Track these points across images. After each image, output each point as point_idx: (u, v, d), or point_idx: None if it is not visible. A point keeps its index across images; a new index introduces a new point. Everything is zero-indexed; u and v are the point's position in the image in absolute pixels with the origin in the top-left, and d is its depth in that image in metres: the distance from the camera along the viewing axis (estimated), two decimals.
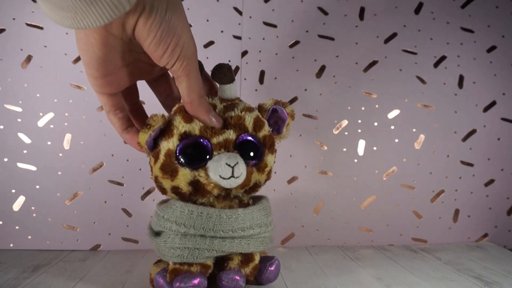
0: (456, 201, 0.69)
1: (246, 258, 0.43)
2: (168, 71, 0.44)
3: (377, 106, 0.68)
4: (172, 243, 0.40)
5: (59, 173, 0.63)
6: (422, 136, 0.68)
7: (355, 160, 0.68)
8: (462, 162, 0.69)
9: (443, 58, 0.69)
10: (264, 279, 0.45)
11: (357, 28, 0.68)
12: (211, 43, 0.66)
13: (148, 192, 0.65)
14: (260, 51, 0.67)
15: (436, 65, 0.68)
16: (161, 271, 0.43)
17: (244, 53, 0.66)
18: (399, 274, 0.52)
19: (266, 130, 0.44)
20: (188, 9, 0.65)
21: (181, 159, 0.40)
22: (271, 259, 0.46)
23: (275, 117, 0.45)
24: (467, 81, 0.69)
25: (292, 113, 0.45)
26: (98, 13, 0.29)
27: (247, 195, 0.45)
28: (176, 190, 0.41)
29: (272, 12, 0.67)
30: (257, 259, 0.44)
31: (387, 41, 0.68)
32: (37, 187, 0.63)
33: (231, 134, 0.41)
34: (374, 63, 0.68)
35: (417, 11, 0.68)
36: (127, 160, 0.64)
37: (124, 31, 0.34)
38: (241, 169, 0.39)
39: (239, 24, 0.66)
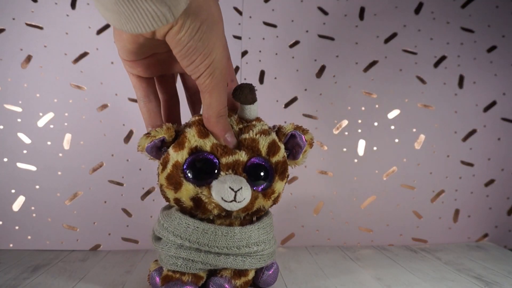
0: (456, 201, 0.69)
1: (240, 272, 0.43)
2: None
3: (377, 106, 0.68)
4: (168, 251, 0.41)
5: (59, 173, 0.63)
6: (422, 136, 0.68)
7: (355, 160, 0.68)
8: (462, 162, 0.69)
9: (443, 58, 0.69)
10: (261, 283, 0.45)
11: (357, 28, 0.68)
12: None
13: (148, 192, 0.65)
14: (260, 51, 0.67)
15: (436, 65, 0.68)
16: (158, 268, 0.44)
17: (244, 53, 0.66)
18: (399, 274, 0.52)
19: (280, 155, 0.42)
20: None
21: (187, 174, 0.39)
22: (271, 263, 0.46)
23: (293, 143, 0.44)
24: (467, 81, 0.69)
25: (311, 141, 0.44)
26: (141, 21, 0.29)
27: (248, 217, 0.44)
28: (178, 202, 0.41)
29: (272, 12, 0.67)
30: (250, 275, 0.44)
31: (387, 41, 0.68)
32: (37, 187, 0.63)
33: (242, 156, 0.40)
34: (374, 63, 0.68)
35: (417, 11, 0.68)
36: (127, 160, 0.64)
37: (153, 34, 0.34)
38: (244, 195, 0.38)
39: (239, 24, 0.66)
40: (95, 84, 0.64)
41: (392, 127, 0.68)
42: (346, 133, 0.68)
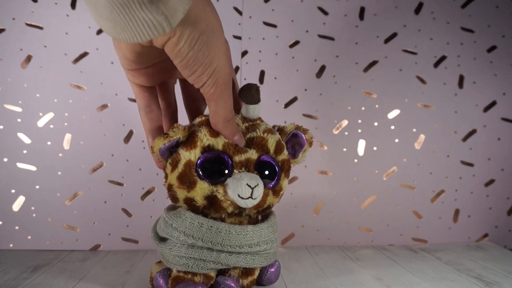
0: (456, 201, 0.69)
1: (247, 271, 0.44)
2: None
3: (377, 106, 0.68)
4: (178, 252, 0.40)
5: (59, 173, 0.63)
6: (422, 136, 0.68)
7: (355, 160, 0.68)
8: (462, 162, 0.69)
9: (443, 58, 0.69)
10: (265, 281, 0.46)
11: (357, 28, 0.68)
12: None
13: (148, 192, 0.65)
14: (260, 51, 0.67)
15: (436, 65, 0.68)
16: (162, 270, 0.43)
17: (244, 53, 0.66)
18: (399, 274, 0.52)
19: (285, 154, 0.44)
20: None
21: (201, 172, 0.39)
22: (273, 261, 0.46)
23: (293, 142, 0.45)
24: (467, 81, 0.69)
25: (310, 140, 0.45)
26: (137, 30, 0.29)
27: (257, 215, 0.44)
28: (190, 202, 0.41)
29: (272, 12, 0.67)
30: (256, 273, 0.45)
31: (387, 41, 0.68)
32: (37, 187, 0.63)
33: (253, 154, 0.40)
34: (374, 63, 0.68)
35: (417, 11, 0.68)
36: (127, 160, 0.64)
37: (150, 43, 0.33)
38: (260, 191, 0.39)
39: (239, 24, 0.66)
40: (95, 84, 0.64)
41: (392, 127, 0.68)
42: (346, 133, 0.68)
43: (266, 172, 0.41)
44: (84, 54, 0.64)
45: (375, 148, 0.68)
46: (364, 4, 0.68)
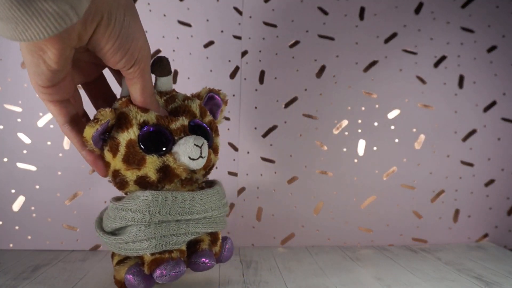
0: (456, 201, 0.69)
1: (214, 237, 0.45)
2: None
3: (377, 106, 0.68)
4: (147, 234, 0.40)
5: (59, 173, 0.63)
6: (422, 136, 0.68)
7: (355, 160, 0.68)
8: (462, 162, 0.69)
9: (443, 58, 0.69)
10: (224, 258, 0.47)
11: (357, 28, 0.68)
12: (211, 43, 0.66)
13: None
14: (260, 51, 0.67)
15: (436, 65, 0.68)
16: (131, 268, 0.41)
17: (244, 53, 0.66)
18: (399, 274, 0.52)
19: (209, 115, 0.46)
20: (188, 9, 0.65)
21: (146, 147, 0.40)
22: (225, 239, 0.48)
23: (211, 104, 0.47)
24: (467, 81, 0.69)
25: (225, 99, 0.48)
26: (42, 24, 0.26)
27: (203, 178, 0.46)
28: (142, 180, 0.41)
29: (272, 12, 0.67)
30: (220, 237, 0.47)
31: (387, 41, 0.68)
32: (37, 187, 0.63)
33: (184, 121, 0.42)
34: (374, 63, 0.68)
35: (417, 11, 0.68)
36: None
37: (79, 41, 0.32)
38: (206, 148, 0.41)
39: (239, 24, 0.66)
40: None
41: (392, 127, 0.68)
42: (346, 133, 0.68)
43: (200, 134, 0.43)
44: None
45: (375, 148, 0.68)
46: (364, 4, 0.68)
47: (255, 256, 0.60)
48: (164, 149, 0.40)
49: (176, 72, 0.65)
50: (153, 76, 0.43)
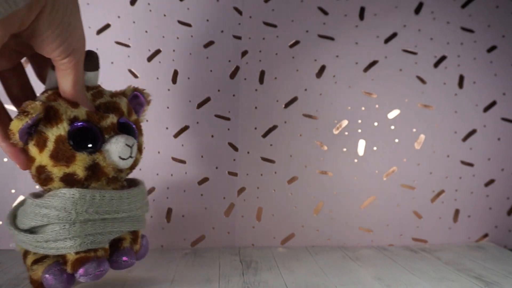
0: (456, 201, 0.69)
1: (135, 236, 0.46)
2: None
3: (377, 106, 0.68)
4: (72, 233, 0.39)
5: None
6: (422, 136, 0.68)
7: (355, 160, 0.68)
8: (462, 162, 0.69)
9: (443, 58, 0.69)
10: (139, 256, 0.47)
11: (357, 28, 0.68)
12: (211, 43, 0.66)
13: (149, 192, 0.65)
14: (260, 51, 0.67)
15: (436, 65, 0.68)
16: (50, 268, 0.40)
17: (244, 53, 0.66)
18: (399, 274, 0.52)
19: (134, 114, 0.46)
20: (188, 9, 0.65)
21: (76, 144, 0.39)
22: (142, 237, 0.48)
23: (134, 103, 0.48)
24: (467, 81, 0.69)
25: (148, 99, 0.48)
26: None
27: (125, 177, 0.47)
28: (69, 177, 0.39)
29: (272, 12, 0.67)
30: (140, 235, 0.47)
31: (387, 41, 0.68)
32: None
33: (114, 118, 0.42)
34: (374, 63, 0.68)
35: (417, 11, 0.68)
36: None
37: (20, 26, 0.31)
38: (136, 148, 0.42)
39: (239, 24, 0.66)
40: None
41: (392, 127, 0.68)
42: (346, 133, 0.68)
43: (127, 132, 0.43)
44: None
45: (375, 148, 0.68)
46: (364, 4, 0.68)
47: (255, 256, 0.60)
48: (93, 146, 0.40)
49: (176, 72, 0.65)
50: None
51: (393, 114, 0.68)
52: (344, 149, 0.68)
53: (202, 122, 0.65)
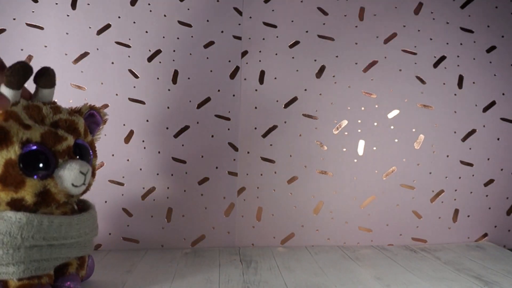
0: (455, 201, 0.69)
1: (82, 261, 0.44)
2: None
3: (377, 106, 0.68)
4: (16, 258, 0.37)
5: None
6: (422, 136, 0.68)
7: (355, 160, 0.68)
8: (462, 162, 0.69)
9: (443, 58, 0.69)
10: (84, 278, 0.47)
11: (357, 28, 0.68)
12: (211, 43, 0.66)
13: (149, 192, 0.65)
14: (260, 51, 0.67)
15: (436, 65, 0.69)
16: None
17: (244, 53, 0.67)
18: (398, 273, 0.52)
19: (90, 135, 0.45)
20: (188, 9, 0.65)
21: (26, 168, 0.37)
22: (88, 256, 0.47)
23: (90, 121, 0.46)
24: (467, 81, 0.69)
25: (105, 118, 0.47)
26: None
27: (76, 200, 0.45)
28: (17, 203, 0.37)
29: (272, 12, 0.67)
30: (86, 260, 0.46)
31: (387, 41, 0.68)
32: None
33: (71, 140, 0.40)
34: (374, 63, 0.68)
35: (417, 11, 0.68)
36: (127, 160, 0.64)
37: None
38: (90, 175, 0.41)
39: (239, 24, 0.66)
40: (95, 84, 0.64)
41: (392, 127, 0.68)
42: (346, 133, 0.68)
43: (83, 155, 0.42)
44: (85, 54, 0.64)
45: (374, 148, 0.68)
46: (364, 4, 0.68)
47: (255, 255, 0.60)
48: (46, 172, 0.38)
49: (176, 72, 0.65)
50: (33, 86, 0.41)
51: (392, 114, 0.68)
52: (344, 149, 0.68)
53: (202, 122, 0.66)
